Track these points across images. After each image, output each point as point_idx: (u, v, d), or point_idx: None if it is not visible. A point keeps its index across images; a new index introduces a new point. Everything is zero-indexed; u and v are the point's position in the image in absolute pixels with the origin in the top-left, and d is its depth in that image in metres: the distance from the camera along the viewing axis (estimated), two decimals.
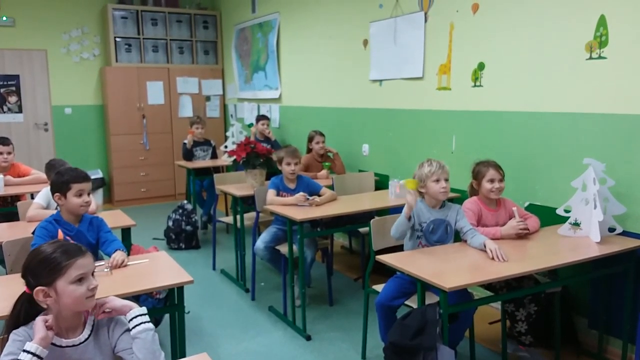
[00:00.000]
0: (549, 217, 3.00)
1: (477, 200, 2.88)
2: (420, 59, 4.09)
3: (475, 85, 3.67)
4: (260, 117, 5.76)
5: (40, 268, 1.49)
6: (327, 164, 4.64)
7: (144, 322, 1.54)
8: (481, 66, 3.61)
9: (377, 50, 4.58)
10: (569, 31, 3.03)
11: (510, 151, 3.43)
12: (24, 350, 1.39)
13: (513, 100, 3.42)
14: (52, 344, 1.51)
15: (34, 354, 1.38)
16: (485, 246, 2.47)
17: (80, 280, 1.50)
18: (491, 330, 3.20)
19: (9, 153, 4.13)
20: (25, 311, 1.51)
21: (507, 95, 3.46)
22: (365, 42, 4.72)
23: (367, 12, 4.64)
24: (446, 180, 2.68)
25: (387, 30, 4.42)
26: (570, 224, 2.77)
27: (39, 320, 1.45)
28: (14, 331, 1.48)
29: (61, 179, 2.44)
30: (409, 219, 2.58)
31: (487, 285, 2.77)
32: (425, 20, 4.02)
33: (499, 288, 2.73)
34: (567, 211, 2.77)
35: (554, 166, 3.19)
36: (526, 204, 3.31)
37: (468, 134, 3.78)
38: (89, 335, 1.57)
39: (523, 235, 2.71)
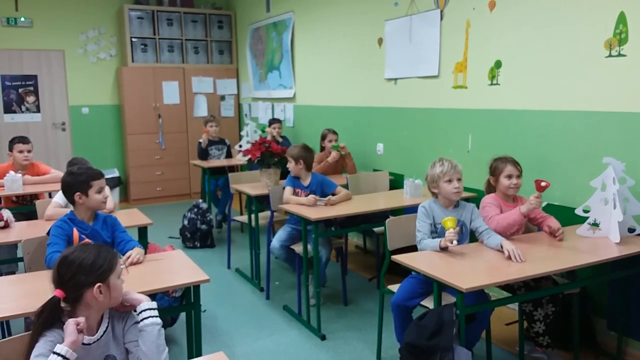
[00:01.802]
0: (567, 217, 2.96)
1: (496, 197, 2.85)
2: (436, 57, 4.06)
3: (492, 84, 3.63)
4: (273, 121, 5.76)
5: (96, 265, 1.56)
6: (335, 145, 4.62)
7: (152, 317, 1.58)
8: (498, 64, 3.57)
9: (392, 48, 4.56)
10: (587, 28, 2.99)
11: (528, 150, 3.39)
12: (54, 352, 1.42)
13: (530, 98, 3.38)
14: (82, 343, 1.54)
15: (64, 357, 1.41)
16: (502, 247, 2.44)
17: (120, 275, 1.62)
18: (508, 331, 3.17)
19: (29, 151, 4.20)
20: (51, 314, 1.54)
21: (524, 94, 3.42)
22: (380, 41, 4.70)
23: (382, 11, 4.62)
24: (459, 180, 2.65)
25: (402, 28, 4.40)
26: (589, 224, 2.72)
27: (71, 323, 1.48)
28: (45, 332, 1.51)
29: (80, 178, 2.47)
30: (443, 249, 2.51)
31: (504, 286, 2.74)
32: (441, 18, 3.99)
33: (516, 288, 2.70)
34: (586, 211, 2.73)
35: (573, 165, 3.14)
36: (544, 204, 3.26)
37: (484, 133, 3.74)
38: (107, 328, 1.61)
39: (559, 238, 2.66)
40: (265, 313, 3.63)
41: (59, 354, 1.41)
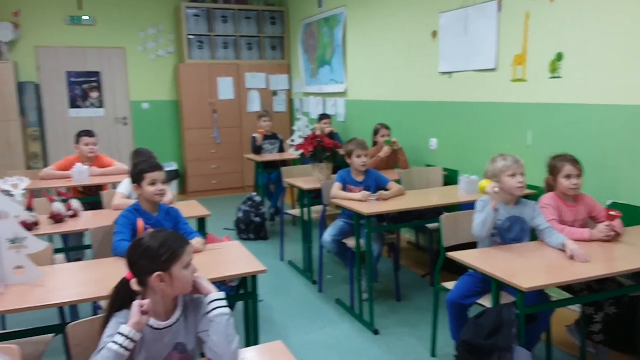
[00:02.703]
0: (634, 216, 2.83)
1: (555, 196, 2.75)
2: (494, 49, 3.95)
3: (553, 77, 3.50)
4: (322, 117, 5.87)
5: (158, 254, 1.57)
6: (388, 140, 4.58)
7: (220, 307, 1.59)
8: (560, 56, 3.43)
9: (446, 41, 4.47)
10: None
11: (592, 146, 3.25)
12: (119, 333, 1.48)
13: (595, 92, 3.23)
14: (151, 327, 1.59)
15: (127, 337, 1.47)
16: (564, 246, 2.36)
17: (188, 265, 1.62)
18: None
19: (95, 144, 4.40)
20: (124, 295, 1.60)
21: (588, 87, 3.27)
22: (435, 34, 4.61)
23: (436, 3, 4.54)
24: (522, 174, 2.58)
25: (457, 20, 4.30)
26: None
27: (135, 305, 1.53)
28: (116, 314, 1.57)
29: (135, 170, 2.61)
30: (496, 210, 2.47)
31: (566, 287, 2.65)
32: (499, 10, 3.88)
33: (578, 290, 2.60)
34: None
35: None
36: (608, 202, 3.13)
37: (545, 128, 3.61)
38: (180, 316, 1.65)
39: (613, 239, 2.56)
40: (318, 306, 3.66)
41: (122, 334, 1.47)
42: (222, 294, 1.62)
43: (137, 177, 2.56)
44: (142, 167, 2.59)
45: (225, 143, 7.48)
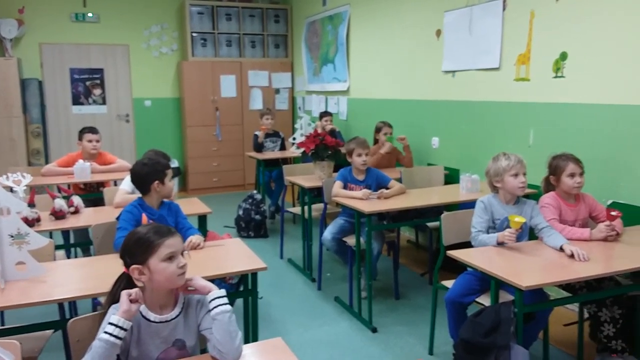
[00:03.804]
0: (634, 216, 2.83)
1: (556, 196, 2.75)
2: (497, 48, 3.95)
3: (556, 76, 3.50)
4: (324, 114, 5.87)
5: (135, 247, 1.61)
6: (390, 137, 4.58)
7: (222, 305, 1.59)
8: (564, 56, 3.43)
9: (451, 40, 4.47)
10: None
11: (594, 146, 3.25)
12: (109, 323, 1.48)
13: (598, 92, 3.23)
14: (146, 319, 1.60)
15: (116, 326, 1.48)
16: (562, 250, 2.36)
17: (170, 258, 1.61)
18: (566, 332, 3.07)
19: (97, 141, 4.41)
20: (119, 288, 1.61)
21: (592, 87, 3.27)
22: (439, 32, 4.61)
23: (441, 1, 4.53)
24: (524, 174, 2.59)
25: (462, 19, 4.30)
26: None
27: (124, 294, 1.54)
28: (113, 305, 1.58)
29: (158, 167, 2.63)
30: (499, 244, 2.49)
31: (564, 286, 2.65)
32: (504, 9, 3.88)
33: (578, 288, 2.60)
34: None
35: None
36: (609, 202, 3.13)
37: (547, 128, 3.61)
38: (179, 313, 1.66)
39: (612, 239, 2.56)
40: (317, 304, 3.67)
41: (112, 323, 1.48)
42: (222, 292, 1.62)
43: (160, 174, 2.60)
44: (163, 163, 2.67)
45: (227, 140, 7.49)
